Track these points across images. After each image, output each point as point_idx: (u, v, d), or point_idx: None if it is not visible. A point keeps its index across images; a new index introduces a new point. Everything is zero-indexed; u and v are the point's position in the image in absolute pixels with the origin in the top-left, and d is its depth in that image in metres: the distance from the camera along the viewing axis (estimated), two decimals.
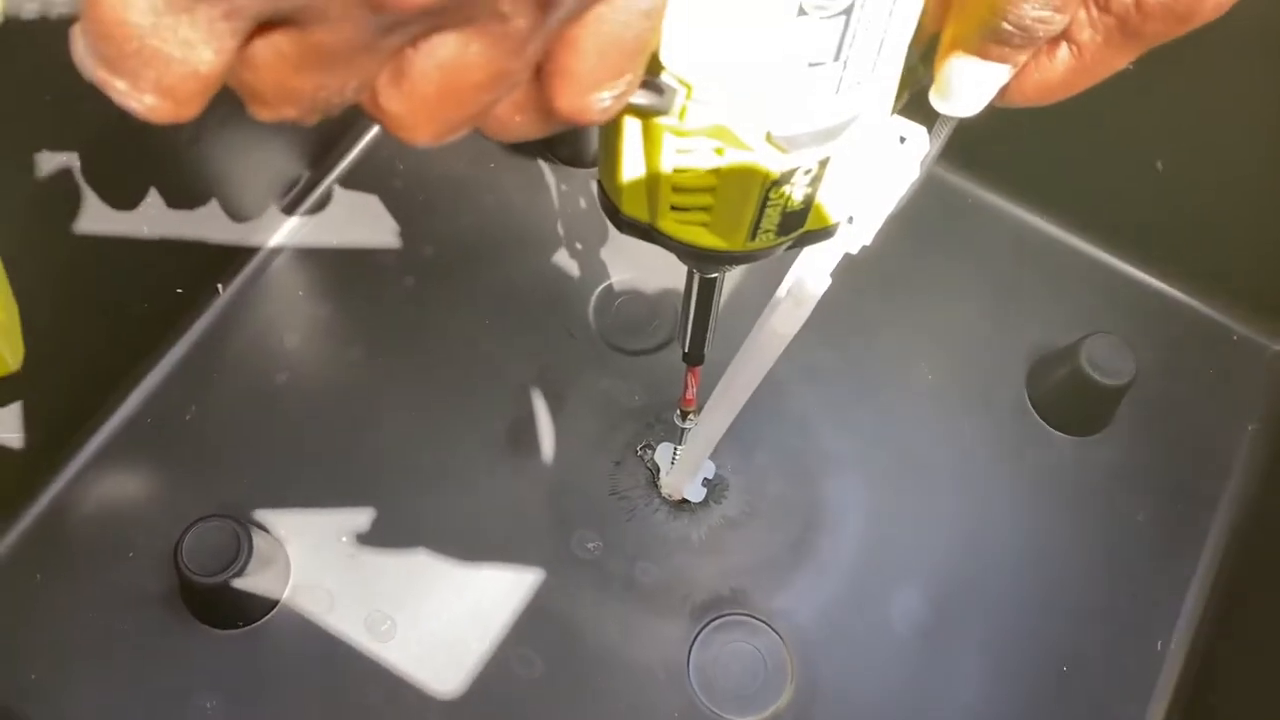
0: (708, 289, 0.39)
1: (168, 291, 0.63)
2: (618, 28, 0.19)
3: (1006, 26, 0.23)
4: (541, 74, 0.20)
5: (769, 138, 0.25)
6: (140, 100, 0.17)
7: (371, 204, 0.69)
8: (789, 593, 0.60)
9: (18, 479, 0.58)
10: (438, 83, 0.19)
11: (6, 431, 0.56)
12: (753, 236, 0.29)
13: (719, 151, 0.26)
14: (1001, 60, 0.24)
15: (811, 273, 0.36)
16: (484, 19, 0.18)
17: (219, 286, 0.65)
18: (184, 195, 0.59)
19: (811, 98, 0.24)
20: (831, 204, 0.29)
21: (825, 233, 0.30)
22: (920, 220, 0.68)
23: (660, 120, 0.25)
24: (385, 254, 0.68)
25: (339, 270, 0.67)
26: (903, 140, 0.29)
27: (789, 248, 0.31)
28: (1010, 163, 0.70)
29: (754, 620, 0.59)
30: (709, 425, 0.51)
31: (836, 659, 0.59)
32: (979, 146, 0.68)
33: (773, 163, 0.25)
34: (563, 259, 0.68)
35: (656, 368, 0.65)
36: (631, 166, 0.27)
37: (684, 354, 0.44)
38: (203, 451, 0.61)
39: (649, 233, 0.30)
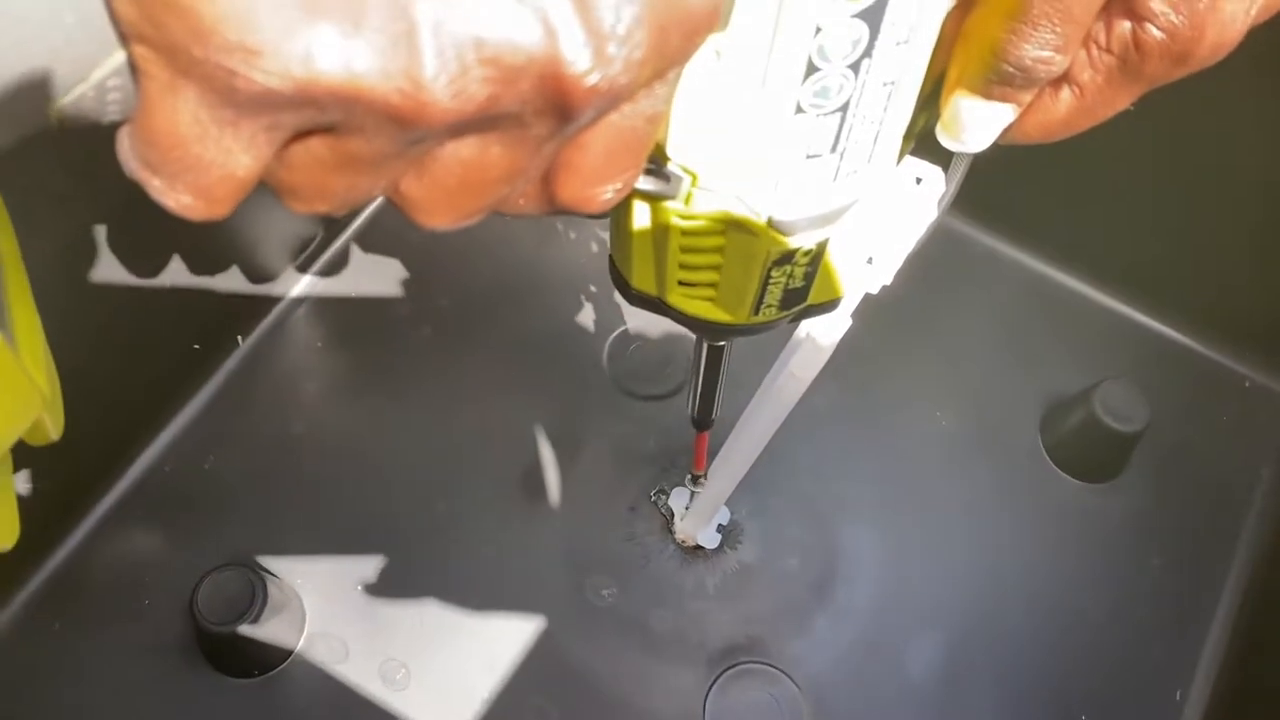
0: (715, 356, 0.39)
1: (188, 343, 0.64)
2: (624, 131, 0.20)
3: (1008, 68, 0.23)
4: (548, 166, 0.21)
5: (770, 222, 0.25)
6: (177, 199, 0.18)
7: (388, 256, 0.70)
8: (805, 640, 0.60)
9: (38, 529, 0.59)
10: (459, 176, 0.20)
11: (26, 482, 0.56)
12: (756, 311, 0.29)
13: (723, 233, 0.26)
14: (1004, 100, 0.24)
15: (832, 314, 0.35)
16: (507, 126, 0.19)
17: (239, 338, 0.66)
18: (205, 249, 0.60)
19: (810, 186, 0.25)
20: (832, 280, 0.30)
21: (828, 306, 0.31)
22: (933, 268, 0.68)
23: (667, 204, 0.26)
24: (402, 305, 0.68)
25: (357, 321, 0.68)
26: (918, 181, 0.30)
27: (793, 320, 0.31)
28: (1022, 211, 0.71)
29: (770, 668, 0.59)
30: (725, 471, 0.51)
31: (853, 706, 0.58)
32: (990, 195, 0.68)
33: (774, 245, 0.26)
34: (576, 307, 0.68)
35: (670, 413, 0.65)
36: (641, 245, 0.28)
37: (693, 419, 0.44)
38: (221, 501, 0.62)
39: (658, 305, 0.31)
